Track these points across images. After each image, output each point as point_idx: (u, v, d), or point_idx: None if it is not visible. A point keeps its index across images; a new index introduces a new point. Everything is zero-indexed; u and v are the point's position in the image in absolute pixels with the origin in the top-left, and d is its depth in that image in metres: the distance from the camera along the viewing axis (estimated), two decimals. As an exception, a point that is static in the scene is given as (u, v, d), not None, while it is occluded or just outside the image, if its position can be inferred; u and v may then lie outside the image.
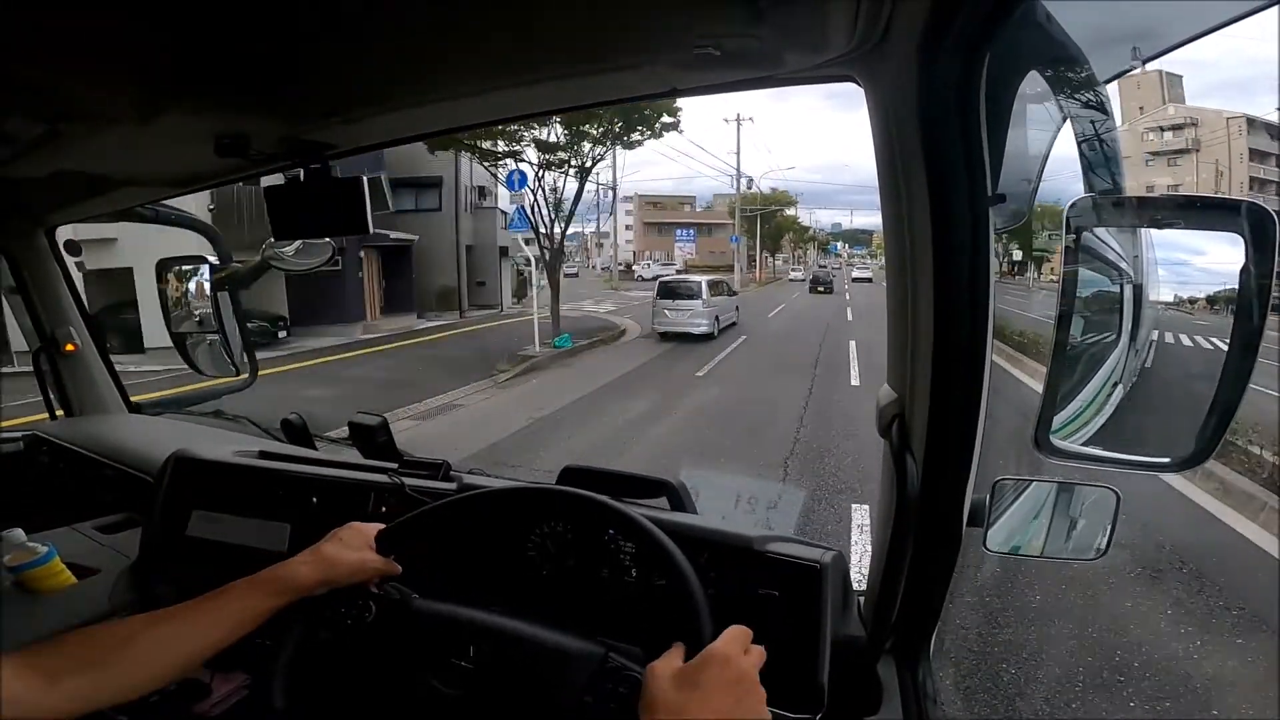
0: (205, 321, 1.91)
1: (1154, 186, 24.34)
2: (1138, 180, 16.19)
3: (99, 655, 0.73)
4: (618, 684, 0.78)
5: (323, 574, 0.86)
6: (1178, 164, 26.63)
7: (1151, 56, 0.75)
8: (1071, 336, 0.73)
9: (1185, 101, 28.46)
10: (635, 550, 1.00)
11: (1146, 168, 18.83)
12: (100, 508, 1.68)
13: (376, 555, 0.91)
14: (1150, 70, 15.75)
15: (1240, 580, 3.54)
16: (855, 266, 52.09)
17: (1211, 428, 0.70)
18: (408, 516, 0.97)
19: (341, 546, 0.89)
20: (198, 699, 1.14)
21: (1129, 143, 17.85)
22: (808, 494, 4.81)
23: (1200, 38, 0.69)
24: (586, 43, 0.81)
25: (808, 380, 9.33)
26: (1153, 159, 26.97)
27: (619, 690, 0.77)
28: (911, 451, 0.81)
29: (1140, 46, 0.75)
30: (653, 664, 0.70)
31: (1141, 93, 20.08)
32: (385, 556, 0.91)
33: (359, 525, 0.94)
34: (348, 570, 0.88)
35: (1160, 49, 0.73)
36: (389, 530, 0.94)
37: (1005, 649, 2.89)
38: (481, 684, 0.83)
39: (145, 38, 0.74)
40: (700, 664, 0.68)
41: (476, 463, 1.66)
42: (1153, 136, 27.19)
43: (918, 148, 0.69)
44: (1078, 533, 0.90)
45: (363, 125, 1.08)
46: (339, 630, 0.88)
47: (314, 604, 0.87)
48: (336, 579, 0.87)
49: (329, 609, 0.88)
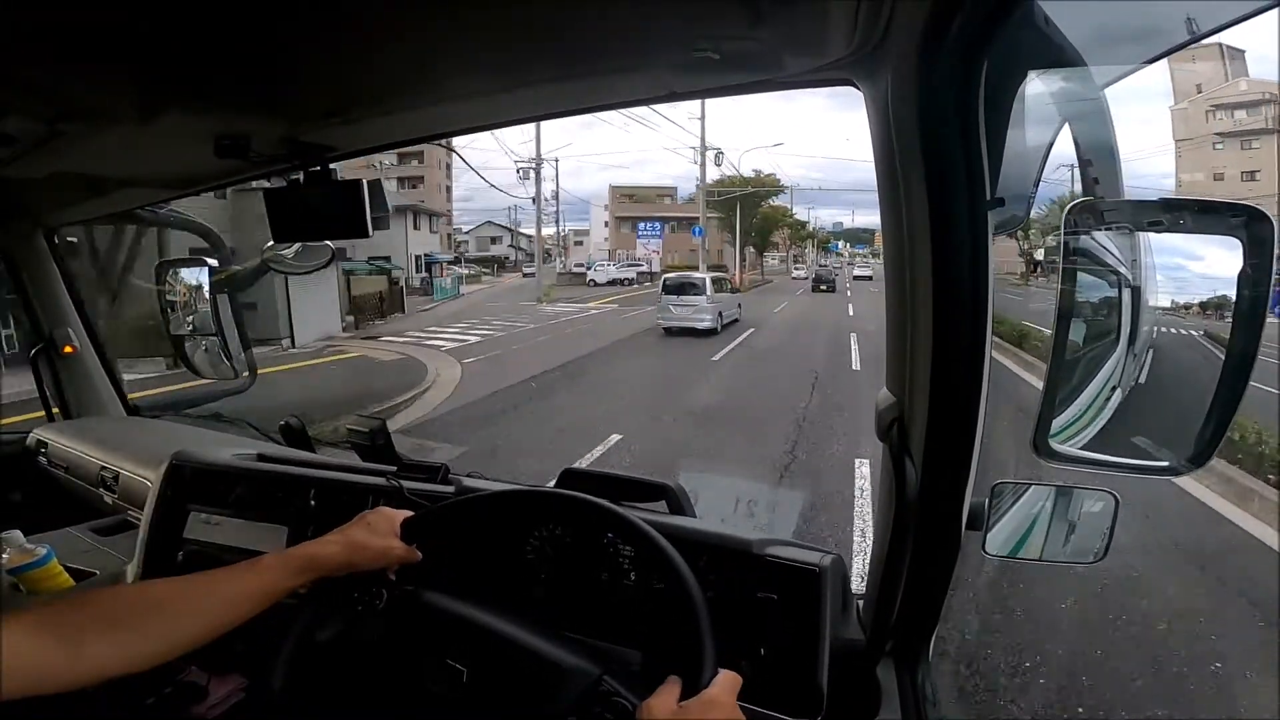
0: (204, 323, 1.91)
1: (1223, 174, 20.06)
2: (1204, 166, 14.21)
3: (126, 615, 0.71)
4: (605, 709, 0.77)
5: (347, 556, 0.86)
6: (1254, 146, 21.60)
7: (1152, 58, 0.75)
8: (1071, 340, 0.73)
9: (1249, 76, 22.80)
10: (634, 554, 1.00)
11: (1215, 151, 16.02)
12: (98, 510, 1.68)
13: (400, 543, 0.91)
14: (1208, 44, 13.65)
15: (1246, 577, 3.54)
16: (856, 265, 50.72)
17: (1210, 431, 0.70)
18: (435, 508, 0.98)
19: (369, 532, 0.89)
20: (195, 701, 1.14)
21: (1188, 123, 15.49)
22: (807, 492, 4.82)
23: (1201, 38, 0.69)
24: (585, 46, 0.81)
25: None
26: (1222, 141, 21.83)
27: (605, 717, 0.76)
28: (910, 455, 0.80)
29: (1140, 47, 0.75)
30: (648, 701, 0.70)
31: (1198, 68, 16.72)
32: (409, 545, 0.91)
33: (388, 510, 0.94)
34: (373, 555, 0.88)
35: (1160, 49, 0.73)
36: (415, 519, 0.94)
37: (1004, 652, 2.88)
38: (472, 688, 0.82)
39: (145, 38, 0.74)
40: (698, 711, 0.68)
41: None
42: (1221, 115, 22.04)
43: (917, 151, 0.69)
44: (1076, 536, 0.90)
45: (362, 127, 1.08)
46: (349, 614, 0.88)
47: (330, 585, 0.87)
48: (359, 563, 0.87)
49: (344, 591, 0.89)
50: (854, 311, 19.34)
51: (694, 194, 35.11)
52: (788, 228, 47.51)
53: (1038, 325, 9.13)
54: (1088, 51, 0.70)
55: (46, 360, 1.98)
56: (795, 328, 16.24)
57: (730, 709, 0.69)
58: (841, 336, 13.20)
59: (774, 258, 53.50)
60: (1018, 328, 9.33)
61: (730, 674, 0.73)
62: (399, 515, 0.93)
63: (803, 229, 53.86)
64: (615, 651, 0.92)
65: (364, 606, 0.89)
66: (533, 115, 1.13)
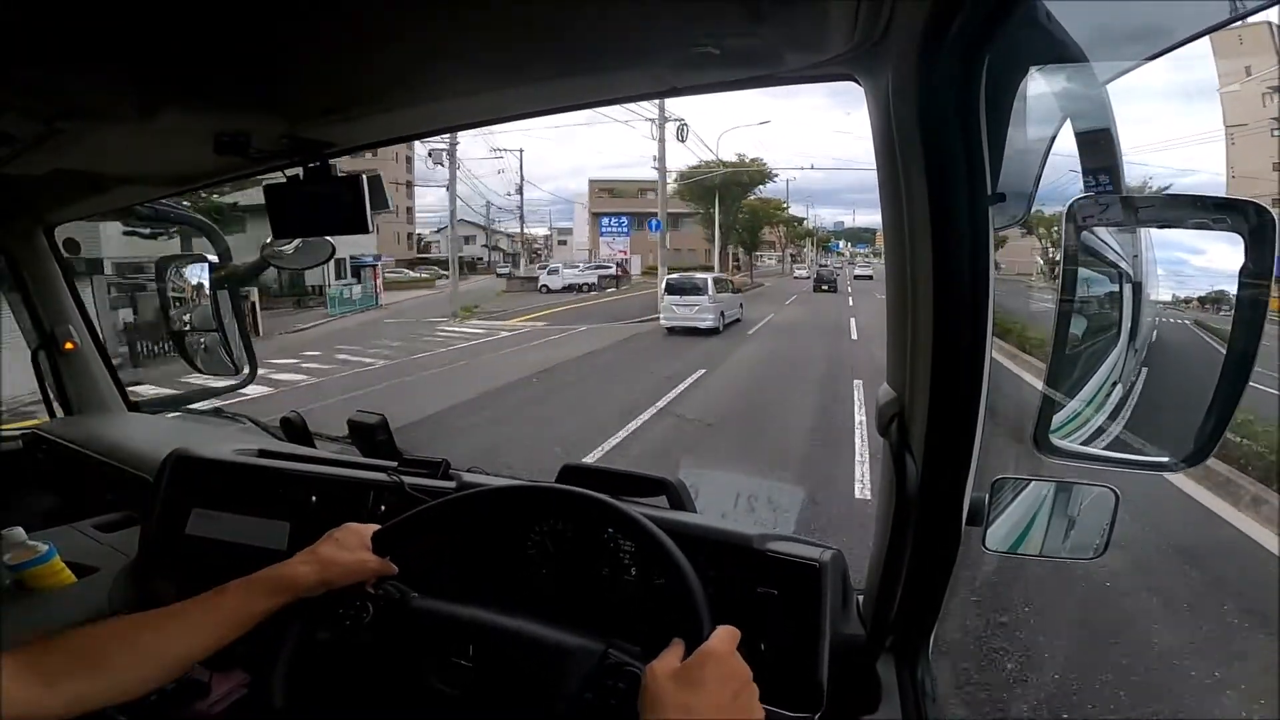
0: (204, 319, 1.92)
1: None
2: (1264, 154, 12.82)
3: (96, 655, 0.74)
4: (617, 679, 0.78)
5: (320, 575, 0.86)
6: (1325, 130, 19.17)
7: (1151, 56, 0.75)
8: (1072, 335, 0.73)
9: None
10: (635, 549, 1.00)
11: (1273, 138, 14.39)
12: (99, 506, 1.68)
13: (373, 556, 0.91)
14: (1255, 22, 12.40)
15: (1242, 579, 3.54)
16: (857, 264, 49.97)
17: (1211, 427, 0.70)
18: (403, 517, 0.97)
19: (338, 547, 0.89)
20: (197, 698, 1.14)
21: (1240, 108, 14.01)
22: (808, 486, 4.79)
23: (1200, 37, 0.69)
24: (585, 42, 0.81)
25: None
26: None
27: (619, 686, 0.78)
28: (911, 450, 0.81)
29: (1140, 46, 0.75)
30: (652, 664, 0.70)
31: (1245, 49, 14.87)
32: (382, 556, 0.92)
33: (355, 526, 0.94)
34: (344, 571, 0.88)
35: (1160, 49, 0.73)
36: (385, 530, 0.94)
37: (1004, 647, 2.89)
38: (481, 682, 0.83)
39: (145, 36, 0.74)
40: (699, 662, 0.69)
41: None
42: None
43: (918, 147, 0.69)
44: (1076, 532, 0.90)
45: (362, 123, 1.08)
46: (337, 630, 0.88)
47: (311, 605, 0.87)
48: (334, 580, 0.87)
49: (326, 610, 0.88)
50: (857, 331, 14.65)
51: (679, 188, 29.94)
52: (782, 224, 43.11)
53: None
54: (1089, 48, 0.70)
55: (47, 357, 1.98)
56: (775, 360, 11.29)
57: (729, 657, 0.70)
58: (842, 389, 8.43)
59: (770, 258, 50.50)
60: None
61: (728, 628, 0.73)
62: (368, 529, 0.94)
63: (799, 225, 49.94)
64: (617, 642, 0.92)
65: (351, 621, 0.88)
66: (532, 111, 1.12)
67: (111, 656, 0.74)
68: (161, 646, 0.77)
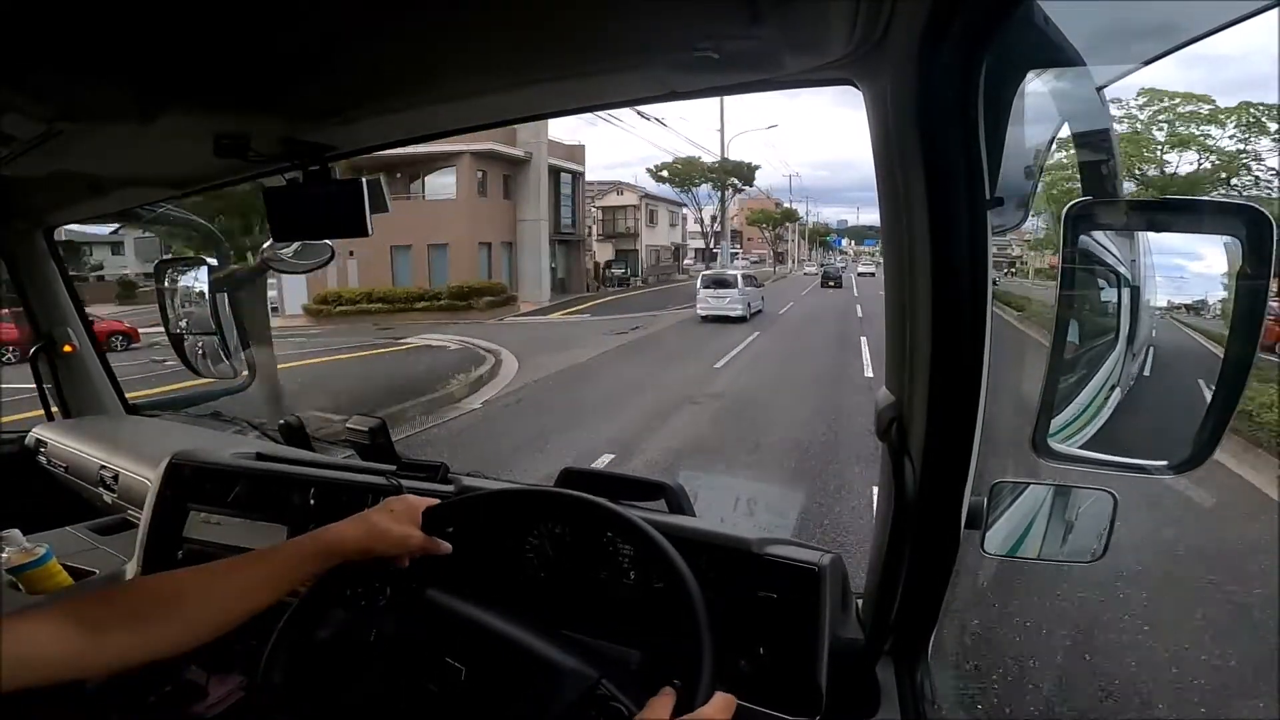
0: (203, 322, 1.91)
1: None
2: None
3: (148, 608, 0.72)
4: (601, 713, 0.76)
5: (369, 542, 0.85)
6: None
7: (1152, 58, 0.75)
8: (1070, 339, 0.73)
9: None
10: (634, 553, 1.00)
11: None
12: (97, 509, 1.68)
13: (420, 532, 0.90)
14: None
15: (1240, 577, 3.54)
16: (860, 262, 49.79)
17: (1209, 430, 0.70)
18: (459, 499, 0.98)
19: (391, 518, 0.89)
20: (195, 700, 1.14)
21: None
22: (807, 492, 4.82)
23: (1201, 38, 0.69)
24: (585, 45, 0.81)
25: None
26: None
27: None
28: (909, 454, 0.81)
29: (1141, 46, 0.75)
30: (641, 714, 0.70)
31: None
32: (428, 535, 0.91)
33: (411, 498, 0.93)
34: (392, 542, 0.87)
35: (1160, 49, 0.73)
36: (438, 509, 0.93)
37: (1004, 651, 2.88)
38: (469, 686, 0.82)
39: (145, 38, 0.74)
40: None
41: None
42: None
43: (917, 151, 0.69)
44: (1074, 535, 0.90)
45: (362, 126, 1.08)
46: (351, 608, 0.88)
47: (332, 581, 0.87)
48: (379, 549, 0.86)
49: (346, 587, 0.88)
50: (862, 312, 17.65)
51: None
52: (773, 221, 43.41)
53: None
54: (1088, 51, 0.70)
55: (46, 359, 1.98)
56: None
57: None
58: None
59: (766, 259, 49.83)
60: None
61: (726, 696, 0.71)
62: (422, 503, 0.92)
63: (792, 219, 48.82)
64: (614, 651, 0.92)
65: (366, 603, 0.88)
66: (533, 114, 1.12)
67: (163, 610, 0.73)
68: (213, 602, 0.76)
